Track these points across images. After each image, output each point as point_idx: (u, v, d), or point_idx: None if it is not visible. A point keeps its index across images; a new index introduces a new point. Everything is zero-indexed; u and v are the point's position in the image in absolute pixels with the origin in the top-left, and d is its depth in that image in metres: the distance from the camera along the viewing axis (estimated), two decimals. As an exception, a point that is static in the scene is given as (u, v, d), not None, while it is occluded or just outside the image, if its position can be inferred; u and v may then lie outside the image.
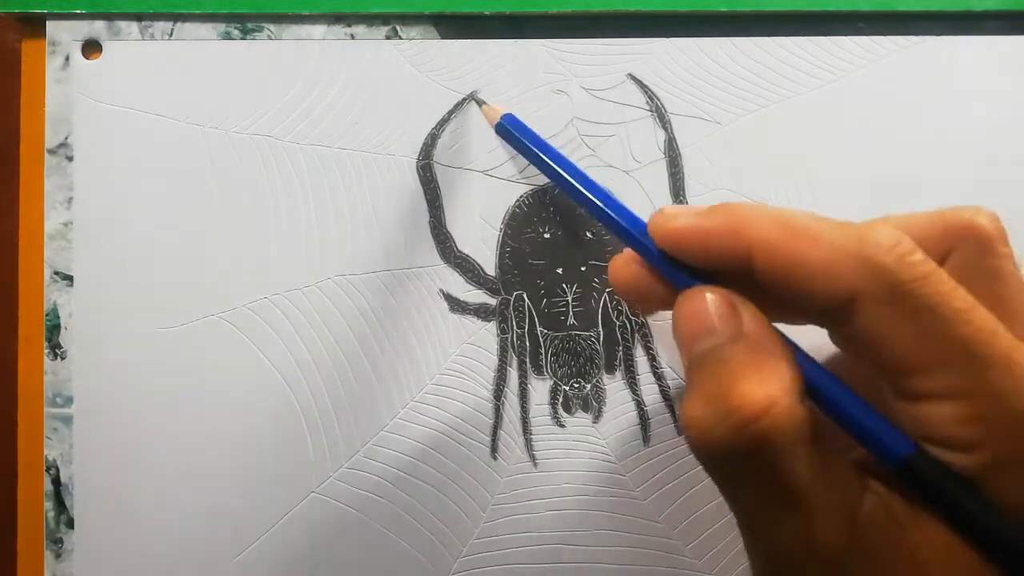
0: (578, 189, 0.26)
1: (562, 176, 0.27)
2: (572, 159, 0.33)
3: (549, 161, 0.28)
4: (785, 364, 0.20)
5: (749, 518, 0.21)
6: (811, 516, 0.19)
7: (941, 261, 0.21)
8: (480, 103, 0.32)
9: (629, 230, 0.24)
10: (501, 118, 0.30)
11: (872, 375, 0.21)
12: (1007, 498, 0.19)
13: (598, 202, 0.26)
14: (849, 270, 0.20)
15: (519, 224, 0.33)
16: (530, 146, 0.29)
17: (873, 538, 0.20)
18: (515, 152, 0.32)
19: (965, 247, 0.22)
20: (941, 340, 0.19)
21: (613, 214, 0.25)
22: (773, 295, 0.21)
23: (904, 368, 0.20)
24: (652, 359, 0.33)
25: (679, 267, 0.23)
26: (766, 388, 0.19)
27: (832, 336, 0.23)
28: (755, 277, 0.21)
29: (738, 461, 0.20)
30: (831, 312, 0.20)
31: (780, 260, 0.20)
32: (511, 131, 0.30)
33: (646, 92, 0.33)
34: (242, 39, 0.34)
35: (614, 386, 0.33)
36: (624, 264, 0.24)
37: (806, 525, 0.19)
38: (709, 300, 0.21)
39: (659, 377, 0.33)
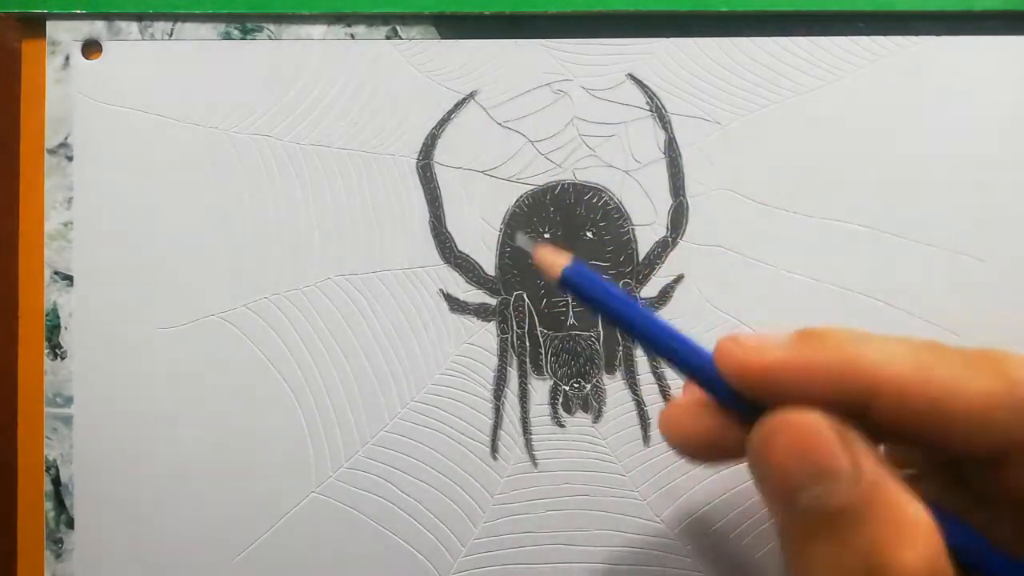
0: (648, 333, 0.22)
1: (633, 324, 0.22)
2: (573, 158, 0.33)
3: (619, 309, 0.23)
4: (922, 512, 0.16)
5: None
6: None
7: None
8: (532, 248, 0.24)
9: (702, 369, 0.20)
10: (563, 271, 0.23)
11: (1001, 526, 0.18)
12: None
13: (670, 344, 0.21)
14: (1005, 418, 0.17)
15: (519, 224, 0.33)
16: (597, 298, 0.23)
17: None
18: (518, 149, 0.32)
19: None
20: None
21: (690, 355, 0.21)
22: (885, 438, 0.18)
23: None
24: (652, 359, 0.33)
25: (751, 407, 0.19)
26: (923, 555, 0.16)
27: (934, 485, 0.19)
28: (869, 419, 0.17)
29: None
30: (974, 463, 0.18)
31: (916, 404, 0.17)
32: (577, 283, 0.23)
33: (646, 92, 0.33)
34: (242, 39, 0.34)
35: (614, 386, 0.33)
36: (685, 412, 0.20)
37: None
38: (815, 428, 0.17)
39: (659, 377, 0.33)
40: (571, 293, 0.23)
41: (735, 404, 0.19)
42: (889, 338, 0.18)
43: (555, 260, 0.23)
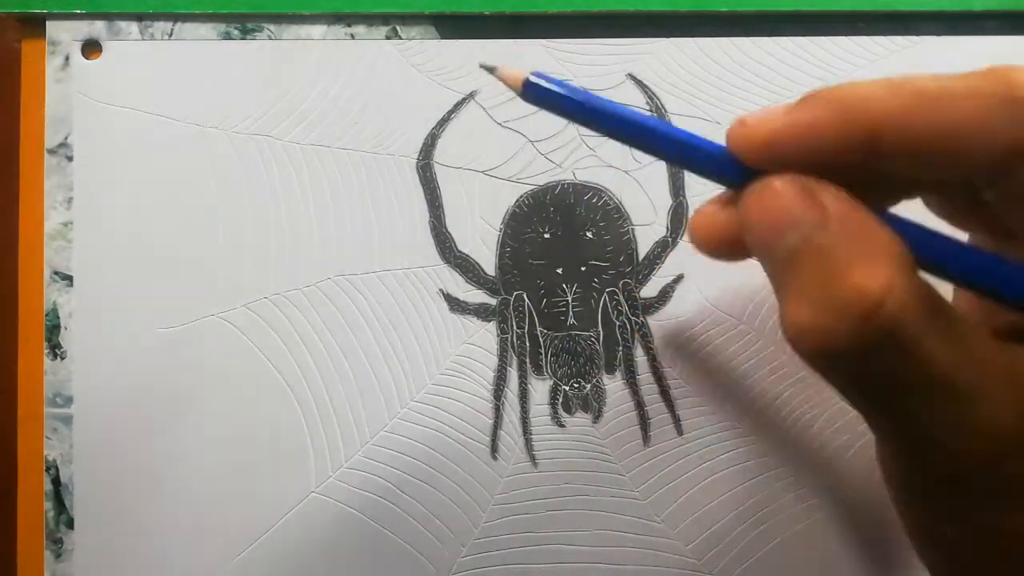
0: (635, 130, 0.22)
1: (617, 121, 0.22)
2: (573, 158, 0.33)
3: (600, 109, 0.22)
4: (888, 237, 0.17)
5: (892, 418, 0.18)
6: (970, 399, 0.17)
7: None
8: (491, 70, 0.24)
9: (707, 154, 0.20)
10: (527, 78, 0.23)
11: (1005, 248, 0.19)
12: None
13: (664, 134, 0.21)
14: (1004, 123, 0.17)
15: (519, 224, 0.33)
16: (570, 99, 0.22)
17: None
18: (518, 149, 0.32)
19: None
20: None
21: (683, 141, 0.21)
22: (886, 183, 0.19)
23: None
24: (652, 359, 0.33)
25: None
26: (877, 271, 0.17)
27: (935, 209, 0.20)
28: (874, 162, 0.18)
29: (867, 360, 0.17)
30: (980, 178, 0.18)
31: (919, 133, 0.18)
32: (543, 89, 0.23)
33: (646, 92, 0.33)
34: (242, 39, 0.34)
35: (614, 386, 0.33)
36: (711, 213, 0.21)
37: (972, 410, 0.17)
38: (781, 187, 0.18)
39: (659, 377, 0.33)
40: (538, 102, 0.23)
41: (742, 178, 0.19)
42: (877, 80, 0.19)
43: (516, 74, 0.23)
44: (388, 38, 0.34)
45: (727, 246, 0.21)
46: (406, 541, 0.32)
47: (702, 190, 0.33)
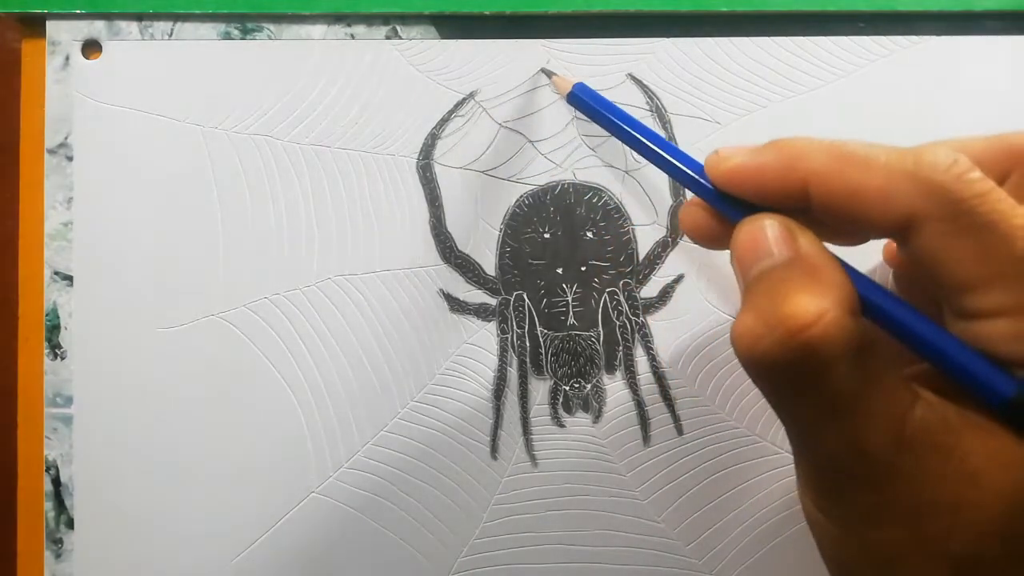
0: (645, 146, 0.27)
1: (633, 137, 0.27)
2: (573, 158, 0.33)
3: (620, 124, 0.28)
4: (838, 280, 0.21)
5: (798, 428, 0.21)
6: (859, 422, 0.20)
7: (1000, 184, 0.21)
8: (549, 75, 0.32)
9: (692, 175, 0.25)
10: (572, 87, 0.30)
11: (931, 296, 0.22)
12: None
13: (661, 152, 0.26)
14: (906, 192, 0.20)
15: (519, 224, 0.33)
16: (602, 112, 0.29)
17: (923, 444, 0.20)
18: (518, 149, 0.32)
19: (1022, 170, 0.22)
20: (999, 257, 0.19)
21: (676, 163, 0.25)
22: (830, 226, 0.22)
23: (962, 286, 0.20)
24: (652, 359, 0.33)
25: (740, 206, 0.23)
26: (817, 301, 0.20)
27: (890, 262, 0.25)
28: (811, 209, 0.22)
29: (786, 371, 0.20)
30: (890, 236, 0.21)
31: (836, 189, 0.21)
32: (583, 100, 0.29)
33: (646, 92, 0.33)
34: (242, 39, 0.34)
35: (614, 386, 0.33)
36: (690, 209, 0.25)
37: (854, 431, 0.20)
38: (766, 225, 0.22)
39: (659, 377, 0.33)
40: (580, 109, 0.30)
41: (722, 205, 0.24)
42: (824, 139, 0.22)
43: (566, 82, 0.30)
44: (388, 38, 0.34)
45: (705, 237, 0.25)
46: (406, 541, 0.32)
47: (702, 190, 0.33)
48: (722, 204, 0.24)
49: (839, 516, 0.21)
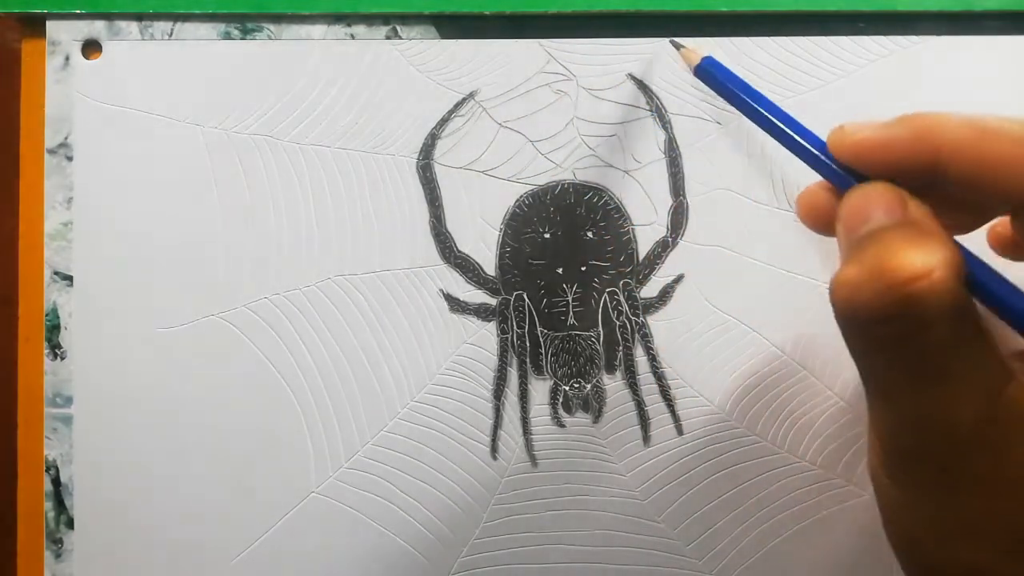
0: (774, 125, 0.26)
1: (759, 113, 0.27)
2: (573, 158, 0.33)
3: (747, 99, 0.28)
4: (949, 244, 0.20)
5: (886, 386, 0.21)
6: (950, 389, 0.20)
7: None
8: (679, 47, 0.31)
9: (818, 155, 0.24)
10: (701, 61, 0.29)
11: None
12: None
13: (790, 133, 0.26)
14: None
15: (519, 224, 0.33)
16: (730, 87, 0.28)
17: (1012, 423, 0.20)
18: (518, 149, 0.32)
19: None
20: None
21: (802, 141, 0.25)
22: (958, 201, 0.22)
23: None
24: (652, 359, 0.33)
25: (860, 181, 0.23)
26: (926, 258, 0.19)
27: (994, 243, 0.25)
28: (943, 181, 0.21)
29: (885, 323, 0.20)
30: (1021, 210, 0.21)
31: (972, 159, 0.21)
32: (711, 73, 0.29)
33: (646, 92, 0.33)
34: (242, 39, 0.34)
35: (614, 386, 0.33)
36: (808, 193, 0.25)
37: (944, 397, 0.20)
38: (878, 191, 0.22)
39: (659, 377, 0.33)
40: (708, 83, 0.29)
41: (843, 182, 0.23)
42: (956, 113, 0.22)
43: (695, 54, 0.29)
44: (388, 38, 0.34)
45: (821, 221, 0.25)
46: (406, 541, 0.32)
47: (702, 190, 0.33)
48: (844, 181, 0.23)
49: (912, 483, 0.21)
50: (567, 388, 0.33)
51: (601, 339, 0.33)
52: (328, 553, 0.32)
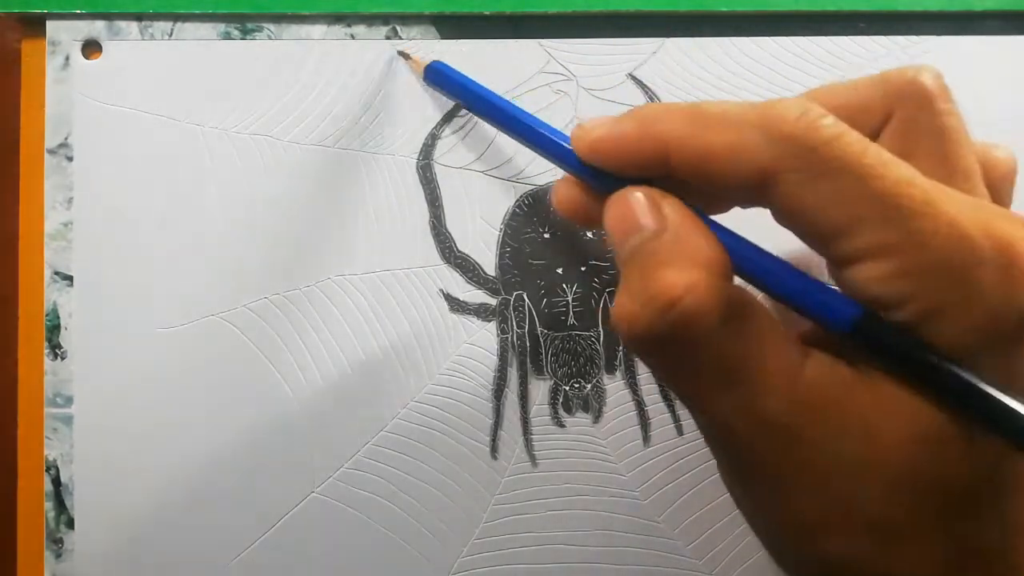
0: (510, 120, 0.26)
1: (495, 110, 0.27)
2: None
3: (483, 98, 0.28)
4: (706, 247, 0.20)
5: (691, 400, 0.21)
6: (748, 388, 0.20)
7: (883, 124, 0.21)
8: (406, 57, 0.32)
9: (562, 149, 0.24)
10: (427, 65, 0.30)
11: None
12: (945, 344, 0.19)
13: (529, 126, 0.26)
14: (756, 146, 0.19)
15: (519, 224, 0.33)
16: (462, 89, 0.29)
17: (818, 402, 0.19)
18: (518, 149, 0.32)
19: (906, 106, 0.21)
20: (857, 198, 0.19)
21: (545, 134, 0.25)
22: (695, 189, 0.21)
23: (829, 234, 0.19)
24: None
25: (610, 179, 0.22)
26: (686, 273, 0.19)
27: (775, 219, 0.23)
28: (672, 174, 0.21)
29: (666, 347, 0.20)
30: (751, 194, 0.20)
31: (690, 150, 0.20)
32: (442, 75, 0.30)
33: (646, 92, 0.33)
34: (242, 39, 0.34)
35: (614, 386, 0.33)
36: (563, 187, 0.24)
37: (745, 397, 0.20)
38: (632, 198, 0.21)
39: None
40: (436, 86, 0.30)
41: (593, 180, 0.23)
42: (683, 103, 0.21)
43: (420, 59, 0.31)
44: (388, 38, 0.34)
45: (578, 216, 0.24)
46: (406, 541, 0.32)
47: (702, 190, 0.33)
48: (593, 179, 0.23)
49: (753, 490, 0.21)
50: (567, 388, 0.33)
51: (601, 339, 0.33)
52: (328, 553, 0.32)
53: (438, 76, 0.30)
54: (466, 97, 0.28)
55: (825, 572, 0.20)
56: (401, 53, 0.33)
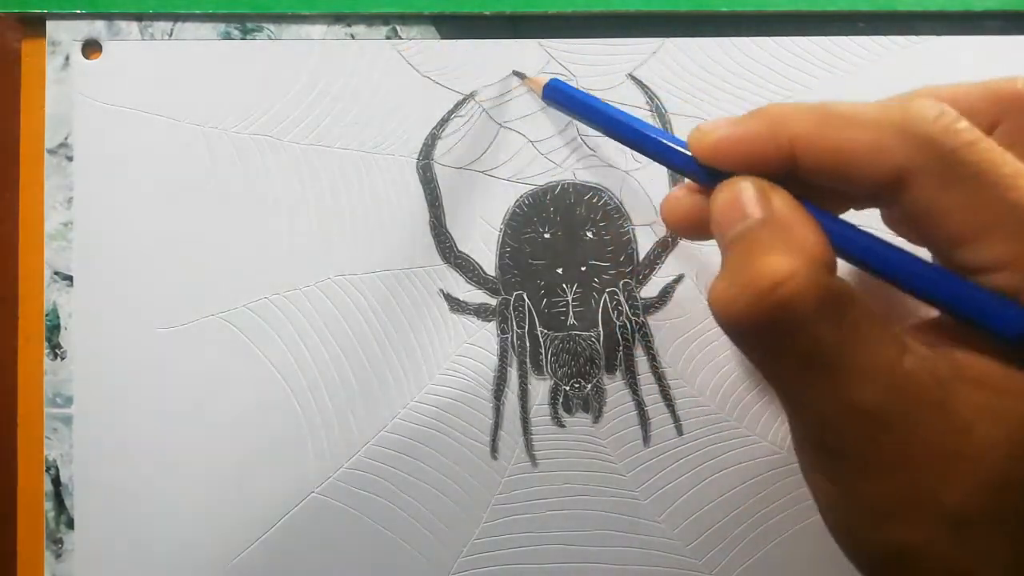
0: (632, 132, 0.27)
1: (616, 123, 0.27)
2: (573, 158, 0.33)
3: (603, 112, 0.28)
4: (811, 238, 0.20)
5: (784, 387, 0.21)
6: (844, 377, 0.20)
7: (989, 132, 0.21)
8: (522, 77, 0.32)
9: (682, 157, 0.24)
10: (546, 84, 0.30)
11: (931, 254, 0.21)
12: None
13: (647, 133, 0.26)
14: (894, 147, 0.20)
15: (519, 224, 0.33)
16: (581, 105, 0.29)
17: (914, 393, 0.20)
18: (518, 149, 0.32)
19: (1013, 116, 0.21)
20: (991, 208, 0.19)
21: (669, 145, 0.25)
22: (818, 188, 0.21)
23: (957, 240, 0.20)
24: (652, 359, 0.33)
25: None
26: (788, 260, 0.20)
27: (885, 220, 0.23)
28: (799, 174, 0.21)
29: (762, 332, 0.20)
30: (881, 194, 0.21)
31: (822, 149, 0.21)
32: (560, 93, 0.30)
33: (646, 92, 0.33)
34: (242, 39, 0.34)
35: (614, 386, 0.33)
36: (672, 200, 0.24)
37: (840, 386, 0.20)
38: (741, 188, 0.22)
39: (659, 377, 0.33)
40: (556, 105, 0.30)
41: (708, 181, 0.23)
42: (808, 103, 0.21)
43: (539, 80, 0.31)
44: (388, 38, 0.34)
45: (690, 226, 0.24)
46: (406, 541, 0.32)
47: (702, 190, 0.33)
48: (708, 180, 0.23)
49: (833, 472, 0.21)
50: (567, 388, 0.33)
51: (601, 339, 0.33)
52: (328, 553, 0.32)
53: (556, 94, 0.30)
54: (586, 113, 0.28)
55: (894, 559, 0.21)
56: (517, 74, 0.33)
